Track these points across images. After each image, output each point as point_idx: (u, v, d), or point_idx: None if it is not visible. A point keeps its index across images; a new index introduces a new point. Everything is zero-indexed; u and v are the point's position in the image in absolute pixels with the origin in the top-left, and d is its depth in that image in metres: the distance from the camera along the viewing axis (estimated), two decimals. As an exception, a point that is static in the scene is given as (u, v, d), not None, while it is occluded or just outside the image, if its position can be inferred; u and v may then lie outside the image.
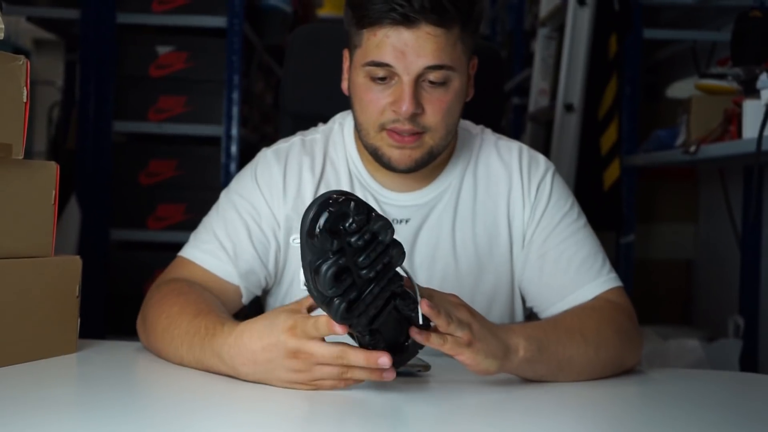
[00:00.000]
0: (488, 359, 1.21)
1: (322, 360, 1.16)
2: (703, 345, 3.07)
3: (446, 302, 1.19)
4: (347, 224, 1.07)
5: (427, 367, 1.34)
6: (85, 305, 1.46)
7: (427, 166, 1.50)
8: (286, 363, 1.18)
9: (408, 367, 1.30)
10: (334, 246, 1.06)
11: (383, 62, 1.41)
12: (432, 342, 1.16)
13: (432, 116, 1.44)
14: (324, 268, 1.06)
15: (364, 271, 1.08)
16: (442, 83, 1.43)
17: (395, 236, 1.10)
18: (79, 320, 1.44)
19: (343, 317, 1.08)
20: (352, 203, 1.07)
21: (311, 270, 1.08)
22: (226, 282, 1.52)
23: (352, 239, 1.07)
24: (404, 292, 1.13)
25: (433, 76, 1.41)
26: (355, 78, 1.47)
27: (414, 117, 1.43)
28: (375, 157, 1.49)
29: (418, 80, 1.42)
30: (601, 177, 3.24)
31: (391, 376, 1.15)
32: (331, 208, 1.06)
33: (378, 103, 1.44)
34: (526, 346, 1.26)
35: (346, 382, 1.19)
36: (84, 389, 1.27)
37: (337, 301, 1.07)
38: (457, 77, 1.45)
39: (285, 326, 1.18)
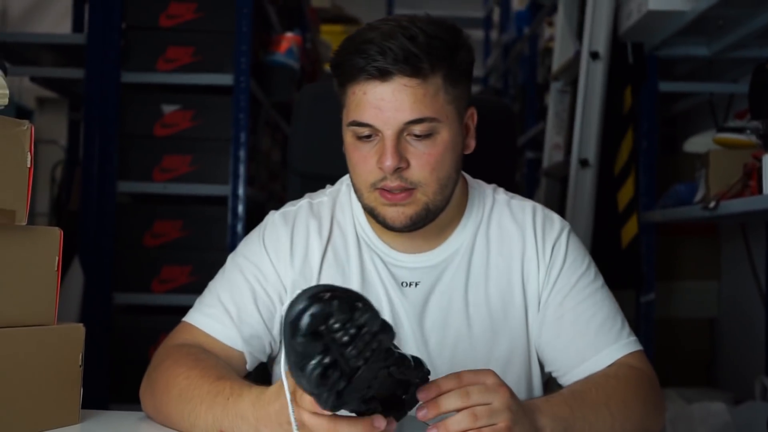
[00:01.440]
0: None
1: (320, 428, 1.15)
2: (729, 408, 3.04)
3: (488, 386, 1.20)
4: (330, 323, 1.04)
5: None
6: (87, 373, 1.46)
7: (427, 223, 1.49)
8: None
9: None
10: (318, 348, 1.04)
11: (363, 122, 1.42)
12: None
13: (419, 170, 1.43)
14: (309, 369, 1.04)
15: (352, 361, 1.06)
16: (428, 135, 1.42)
17: (383, 317, 1.08)
18: (81, 390, 1.44)
19: (334, 406, 1.07)
20: (335, 302, 1.04)
21: (297, 368, 1.06)
22: (229, 348, 1.52)
23: (336, 335, 1.04)
24: (399, 359, 1.12)
25: (416, 129, 1.41)
26: (345, 138, 1.48)
27: (399, 172, 1.42)
28: (373, 217, 1.49)
29: (401, 134, 1.41)
30: (619, 234, 3.25)
31: (392, 429, 1.15)
32: (312, 310, 1.03)
33: (366, 162, 1.44)
34: (553, 427, 1.27)
35: None
36: None
37: (325, 395, 1.06)
38: (445, 128, 1.43)
39: (290, 392, 1.17)
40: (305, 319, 1.03)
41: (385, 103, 1.39)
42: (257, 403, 1.25)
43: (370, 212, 1.49)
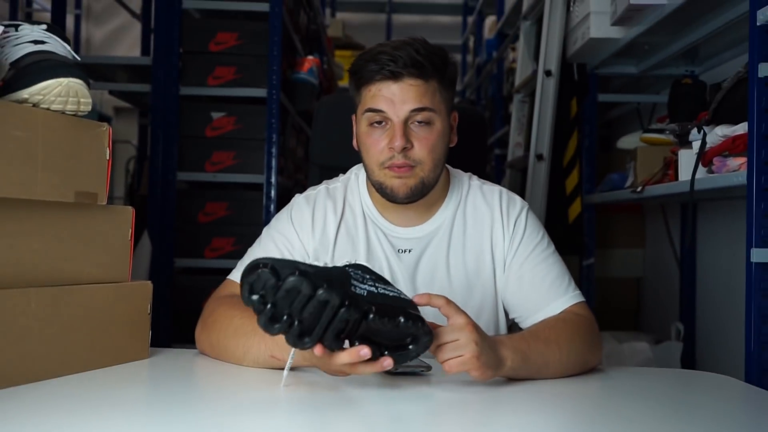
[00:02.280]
0: (487, 370, 1.21)
1: (325, 367, 1.18)
2: (651, 347, 3.05)
3: (456, 327, 1.19)
4: (268, 287, 1.06)
5: (428, 368, 1.32)
6: (154, 320, 1.45)
7: (421, 196, 1.47)
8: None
9: (412, 367, 1.29)
10: (259, 308, 1.06)
11: (377, 108, 1.42)
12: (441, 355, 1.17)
13: (419, 151, 1.43)
14: (258, 322, 1.07)
15: (302, 313, 1.06)
16: (427, 123, 1.43)
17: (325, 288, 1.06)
18: (150, 332, 1.44)
19: (295, 344, 1.08)
20: (266, 270, 1.05)
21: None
22: None
23: (271, 297, 1.06)
24: (408, 316, 1.11)
25: (419, 117, 1.42)
26: (359, 129, 1.48)
27: (405, 152, 1.42)
28: (380, 191, 1.47)
29: (407, 122, 1.42)
30: (567, 212, 3.21)
31: (389, 363, 1.12)
32: (248, 279, 1.06)
33: (378, 144, 1.44)
34: (513, 357, 1.25)
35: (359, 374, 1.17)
36: (155, 388, 1.27)
37: (290, 339, 1.08)
38: (439, 120, 1.44)
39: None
40: (245, 286, 1.06)
41: (395, 97, 1.41)
42: None
43: (379, 187, 1.47)
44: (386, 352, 1.12)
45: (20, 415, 1.00)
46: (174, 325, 3.22)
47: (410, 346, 1.13)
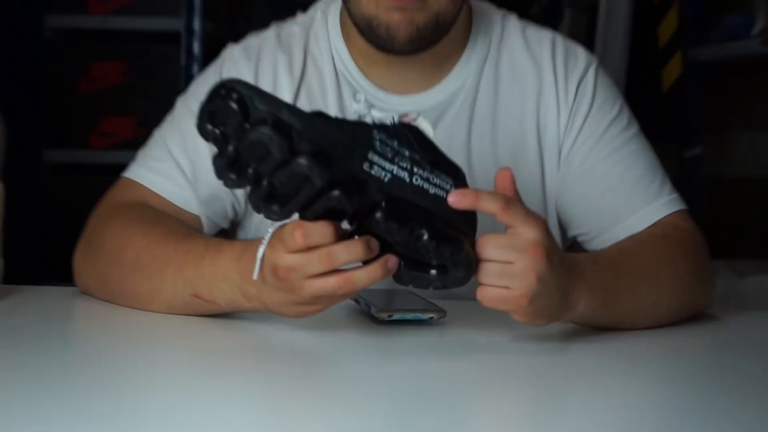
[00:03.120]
0: (540, 319, 1.20)
1: (303, 269, 1.14)
2: (788, 283, 3.07)
3: (517, 244, 1.16)
4: (226, 125, 1.11)
5: (441, 313, 1.33)
6: (11, 243, 1.45)
7: (432, 42, 1.49)
8: (275, 283, 1.18)
9: (417, 312, 1.32)
10: (216, 137, 1.12)
11: None
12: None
13: None
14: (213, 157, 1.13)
15: (274, 177, 1.10)
16: None
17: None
18: (2, 261, 1.44)
19: (258, 207, 1.12)
20: (221, 102, 1.10)
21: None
22: (182, 210, 1.52)
23: (236, 142, 1.11)
24: (437, 232, 1.13)
25: None
26: None
27: None
28: (369, 32, 1.48)
29: None
30: (659, 75, 3.22)
31: (393, 264, 1.14)
32: (209, 105, 1.12)
33: None
34: (587, 302, 1.25)
35: (347, 293, 1.18)
36: (8, 346, 1.23)
37: (253, 200, 1.12)
38: None
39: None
40: (203, 111, 1.12)
41: None
42: (242, 258, 1.25)
43: (367, 25, 1.47)
44: (402, 264, 1.15)
45: None
46: (42, 250, 3.27)
47: (432, 271, 1.15)
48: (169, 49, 3.35)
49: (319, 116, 1.13)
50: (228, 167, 1.11)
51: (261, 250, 1.19)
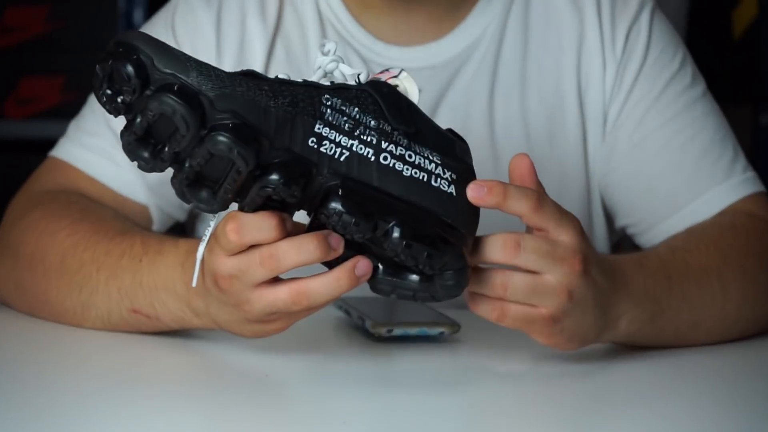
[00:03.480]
0: (571, 343, 1.20)
1: (244, 275, 1.12)
2: None
3: (552, 251, 1.13)
4: (124, 92, 1.09)
5: (453, 327, 1.32)
6: None
7: None
8: (219, 295, 1.17)
9: (424, 326, 1.32)
10: (117, 105, 1.10)
11: None
12: (478, 309, 1.14)
13: None
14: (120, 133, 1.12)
15: (194, 159, 1.09)
16: None
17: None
18: None
19: (183, 194, 1.11)
20: (113, 63, 1.08)
21: None
22: (125, 198, 1.52)
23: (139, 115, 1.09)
24: (408, 226, 1.09)
25: None
26: None
27: None
28: None
29: None
30: (729, 18, 3.22)
31: (364, 269, 1.10)
32: (102, 66, 1.09)
33: None
34: (633, 318, 1.24)
35: (304, 308, 1.14)
36: None
37: (176, 185, 1.10)
38: None
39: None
40: (98, 74, 1.10)
41: None
42: (188, 262, 1.23)
43: None
44: (380, 267, 1.12)
45: None
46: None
47: (412, 277, 1.12)
48: (102, -10, 3.33)
49: (249, 78, 1.10)
50: (138, 144, 1.09)
51: (200, 250, 1.17)
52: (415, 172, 1.10)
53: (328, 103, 1.10)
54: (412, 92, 1.13)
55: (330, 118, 1.09)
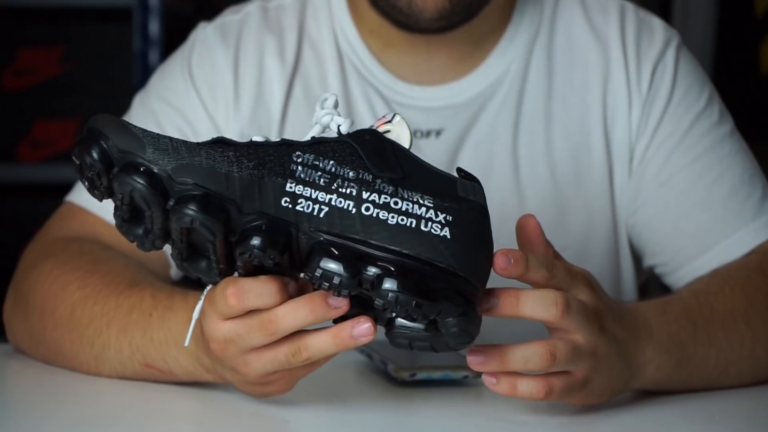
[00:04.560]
0: (602, 398, 1.20)
1: (242, 340, 1.11)
2: None
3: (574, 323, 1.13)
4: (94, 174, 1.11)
5: (476, 373, 1.28)
6: None
7: (467, 18, 1.50)
8: (215, 359, 1.18)
9: (448, 370, 1.32)
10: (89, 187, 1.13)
11: None
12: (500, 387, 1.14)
13: None
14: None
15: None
16: None
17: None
18: None
19: (185, 270, 1.12)
20: (76, 150, 1.09)
21: None
22: None
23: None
24: (406, 280, 1.07)
25: None
26: None
27: None
28: (386, 6, 1.49)
29: None
30: (757, 53, 3.20)
31: (364, 332, 1.08)
32: (75, 152, 1.10)
33: None
34: (659, 365, 1.24)
35: (303, 368, 1.15)
36: None
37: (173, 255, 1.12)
38: None
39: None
40: (73, 157, 1.11)
41: None
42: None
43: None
44: (396, 321, 1.10)
45: None
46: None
47: (418, 326, 1.10)
48: (120, 30, 3.35)
49: (215, 145, 1.09)
50: (130, 225, 1.10)
51: (196, 310, 1.17)
52: (402, 219, 1.08)
53: (299, 160, 1.09)
54: (404, 137, 1.12)
55: (302, 176, 1.08)
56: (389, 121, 1.13)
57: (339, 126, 1.12)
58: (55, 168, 3.30)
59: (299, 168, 1.08)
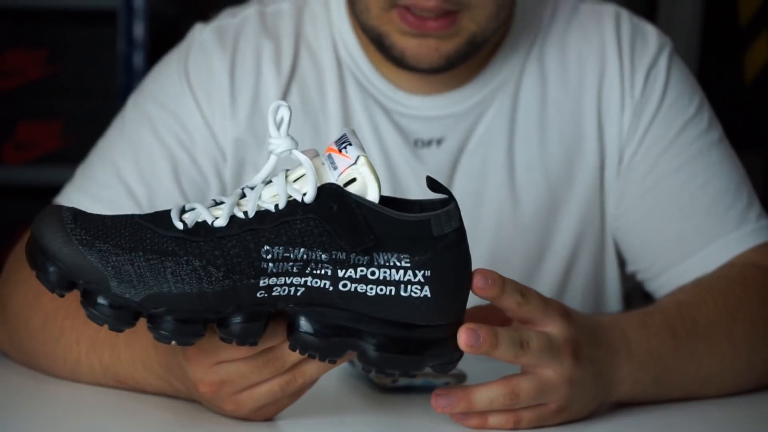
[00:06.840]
0: (580, 415, 1.21)
1: (242, 380, 1.13)
2: None
3: (542, 345, 1.15)
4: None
5: (459, 377, 1.34)
6: None
7: (466, 61, 1.50)
8: (201, 399, 1.19)
9: (429, 377, 1.32)
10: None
11: None
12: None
13: None
14: None
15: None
16: None
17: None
18: None
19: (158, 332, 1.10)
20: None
21: None
22: None
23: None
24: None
25: None
26: None
27: None
28: (380, 48, 1.50)
29: None
30: (741, 62, 3.21)
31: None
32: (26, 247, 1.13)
33: None
34: (636, 381, 1.25)
35: (291, 397, 1.17)
36: None
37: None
38: None
39: None
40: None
41: None
42: (160, 346, 1.20)
43: (377, 40, 1.49)
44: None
45: None
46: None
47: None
48: (104, 32, 3.38)
49: (176, 253, 1.08)
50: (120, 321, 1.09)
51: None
52: (381, 289, 1.08)
53: (269, 257, 1.06)
54: (370, 181, 1.07)
55: (274, 270, 1.07)
56: (354, 164, 1.07)
57: (304, 195, 1.06)
58: (38, 170, 3.32)
59: (270, 265, 1.07)
